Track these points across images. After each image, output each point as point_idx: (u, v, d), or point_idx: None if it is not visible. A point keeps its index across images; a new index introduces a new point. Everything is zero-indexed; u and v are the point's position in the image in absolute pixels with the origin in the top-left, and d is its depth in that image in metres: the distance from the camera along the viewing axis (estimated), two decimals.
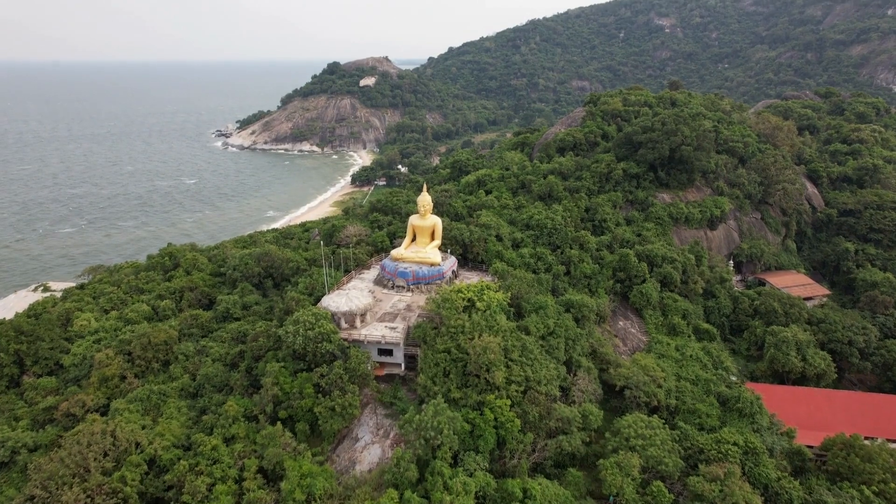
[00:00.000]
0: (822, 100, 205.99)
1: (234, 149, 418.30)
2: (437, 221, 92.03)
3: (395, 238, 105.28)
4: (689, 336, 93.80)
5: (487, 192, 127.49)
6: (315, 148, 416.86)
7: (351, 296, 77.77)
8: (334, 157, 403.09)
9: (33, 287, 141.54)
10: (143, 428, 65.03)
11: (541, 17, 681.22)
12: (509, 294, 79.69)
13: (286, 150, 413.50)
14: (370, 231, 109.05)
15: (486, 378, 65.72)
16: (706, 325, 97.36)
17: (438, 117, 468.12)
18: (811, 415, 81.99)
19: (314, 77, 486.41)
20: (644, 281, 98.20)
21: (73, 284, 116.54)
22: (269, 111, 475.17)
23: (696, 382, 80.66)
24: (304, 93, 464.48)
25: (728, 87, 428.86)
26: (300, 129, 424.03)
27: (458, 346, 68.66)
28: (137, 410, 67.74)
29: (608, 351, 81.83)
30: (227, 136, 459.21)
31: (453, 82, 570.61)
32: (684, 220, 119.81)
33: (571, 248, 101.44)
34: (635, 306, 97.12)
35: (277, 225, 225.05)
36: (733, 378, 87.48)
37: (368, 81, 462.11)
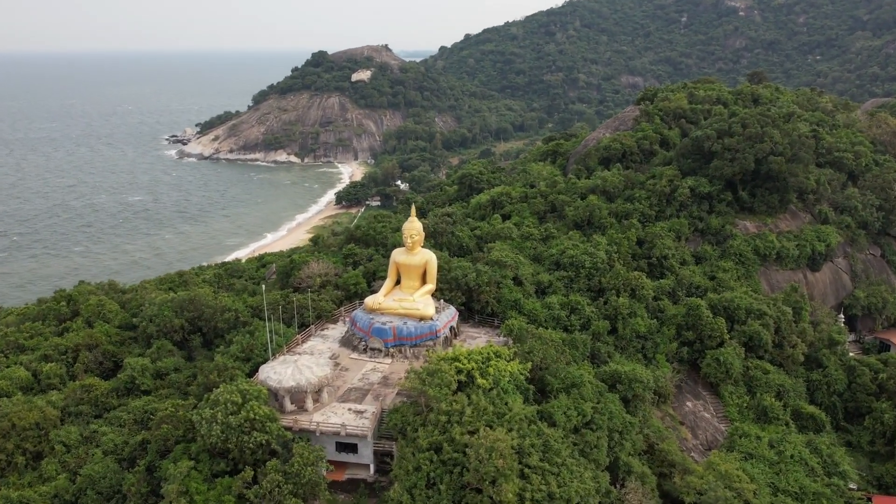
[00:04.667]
0: None
1: (192, 159, 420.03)
2: (429, 258, 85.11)
3: (375, 279, 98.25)
4: (786, 424, 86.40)
5: (505, 217, 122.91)
6: (293, 158, 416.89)
7: (301, 364, 69.61)
8: (318, 169, 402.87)
9: None
10: None
11: None
12: (528, 364, 71.54)
13: (256, 160, 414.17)
14: (342, 269, 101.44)
15: (490, 495, 56.48)
16: (811, 409, 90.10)
17: (450, 121, 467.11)
18: None
19: (294, 70, 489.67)
20: (721, 344, 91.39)
21: None
22: (237, 112, 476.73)
23: (802, 497, 72.33)
24: (282, 89, 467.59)
25: (821, 85, 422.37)
26: (275, 135, 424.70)
27: (452, 441, 60.23)
28: None
29: (671, 448, 73.65)
30: (184, 142, 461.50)
31: (470, 77, 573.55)
32: (775, 257, 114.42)
33: (619, 297, 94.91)
34: (709, 380, 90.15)
35: (239, 255, 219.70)
36: (853, 488, 79.62)
37: (362, 76, 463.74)
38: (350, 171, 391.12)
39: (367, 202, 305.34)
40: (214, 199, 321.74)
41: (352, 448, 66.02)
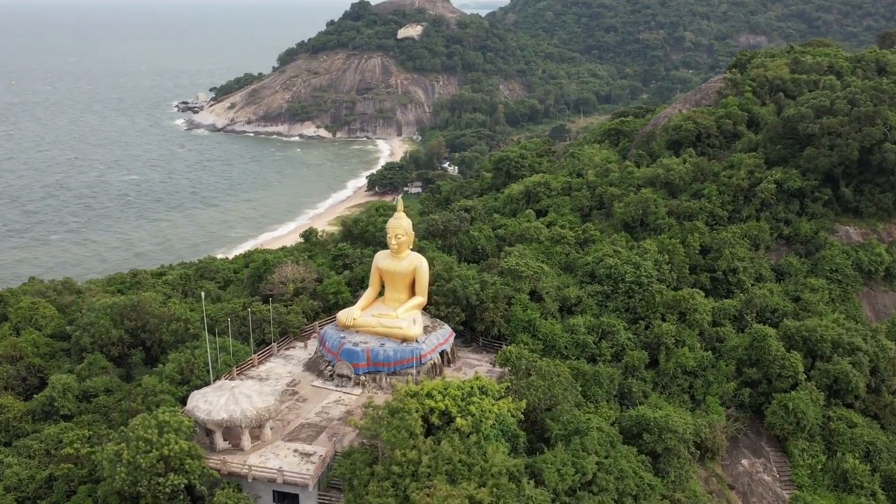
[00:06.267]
0: None
1: (203, 130, 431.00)
2: (418, 264, 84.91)
3: (363, 287, 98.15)
4: (872, 495, 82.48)
5: (540, 214, 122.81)
6: (323, 132, 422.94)
7: (239, 393, 69.94)
8: (352, 146, 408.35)
9: None
10: None
11: None
12: (523, 403, 70.03)
13: (279, 133, 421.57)
14: (325, 274, 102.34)
15: None
16: None
17: (518, 89, 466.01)
18: None
19: (329, 24, 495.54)
20: (795, 386, 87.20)
21: None
22: (259, 75, 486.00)
23: None
24: (313, 48, 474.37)
25: None
26: (302, 104, 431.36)
27: (407, 501, 59.57)
28: None
29: None
30: (195, 110, 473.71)
31: (548, 35, 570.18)
32: (884, 274, 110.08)
33: (665, 320, 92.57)
34: (774, 432, 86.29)
35: (246, 247, 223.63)
36: None
37: (411, 32, 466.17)
38: (390, 150, 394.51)
39: (406, 188, 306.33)
40: (220, 182, 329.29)
41: (292, 499, 66.13)
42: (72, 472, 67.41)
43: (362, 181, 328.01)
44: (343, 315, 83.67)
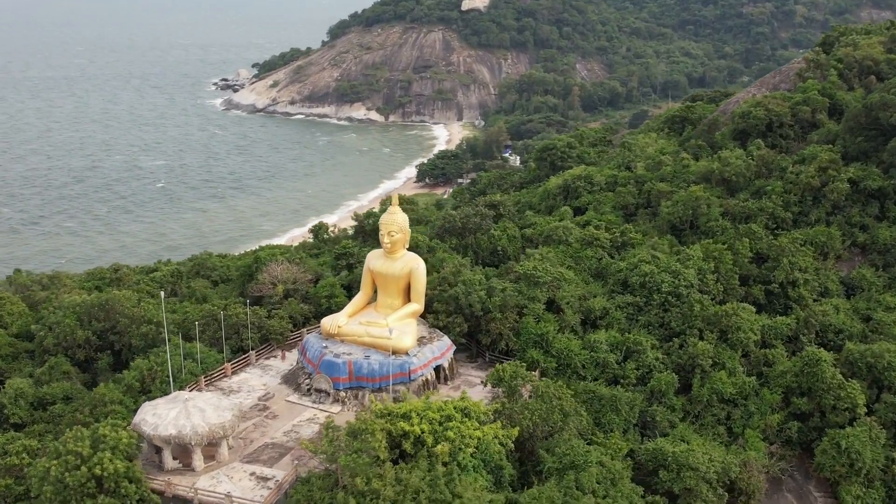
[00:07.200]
0: None
1: (241, 111, 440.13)
2: (414, 266, 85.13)
3: None
4: None
5: (579, 211, 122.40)
6: (374, 115, 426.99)
7: (193, 406, 70.27)
8: (407, 131, 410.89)
9: None
10: None
11: None
12: (515, 430, 69.31)
13: (324, 116, 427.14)
14: (324, 274, 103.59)
15: None
16: None
17: (598, 69, 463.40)
18: None
19: None
20: (853, 421, 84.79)
21: None
22: (308, 49, 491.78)
23: None
24: (367, 20, 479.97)
25: None
26: (352, 83, 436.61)
27: None
28: None
29: None
30: (235, 88, 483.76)
31: (636, 7, 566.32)
32: None
33: (702, 338, 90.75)
34: (824, 474, 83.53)
35: (277, 241, 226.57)
36: None
37: (477, 2, 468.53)
38: (448, 136, 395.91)
39: (460, 180, 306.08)
40: (256, 171, 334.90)
41: None
42: (10, 488, 68.18)
43: (414, 171, 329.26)
44: (327, 322, 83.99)
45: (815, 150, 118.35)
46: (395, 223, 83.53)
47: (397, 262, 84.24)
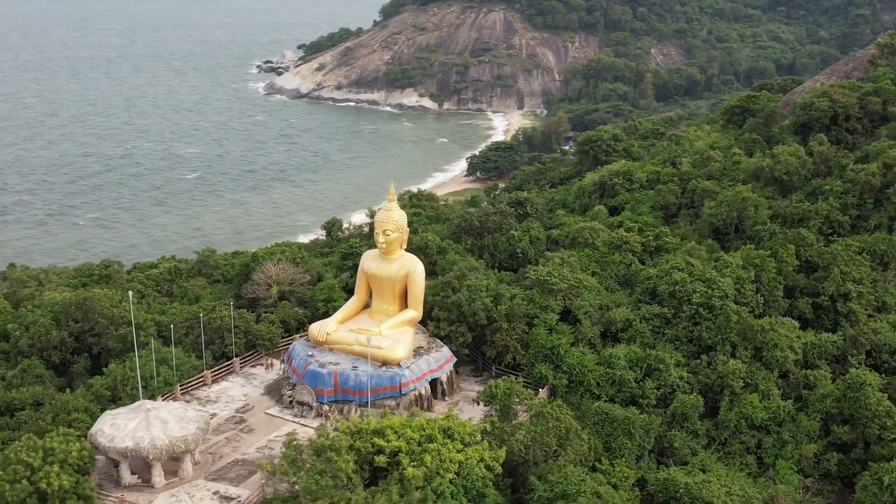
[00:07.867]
0: None
1: (283, 96, 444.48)
2: (412, 269, 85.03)
3: None
4: None
5: (614, 211, 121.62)
6: (427, 102, 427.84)
7: (154, 417, 70.69)
8: (462, 120, 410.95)
9: None
10: None
11: None
12: (502, 452, 68.52)
13: (373, 102, 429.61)
14: (322, 275, 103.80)
15: None
16: None
17: (675, 53, 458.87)
18: None
19: None
20: None
21: None
22: (359, 30, 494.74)
23: None
24: None
25: None
26: (403, 67, 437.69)
27: None
28: None
29: None
30: (279, 71, 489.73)
31: None
32: None
33: (734, 356, 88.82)
34: None
35: (312, 237, 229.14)
36: None
37: None
38: (507, 125, 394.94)
39: (514, 173, 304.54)
40: (297, 160, 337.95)
41: None
42: None
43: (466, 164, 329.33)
44: (315, 328, 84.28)
45: (880, 147, 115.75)
46: (392, 221, 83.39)
47: (393, 264, 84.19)
